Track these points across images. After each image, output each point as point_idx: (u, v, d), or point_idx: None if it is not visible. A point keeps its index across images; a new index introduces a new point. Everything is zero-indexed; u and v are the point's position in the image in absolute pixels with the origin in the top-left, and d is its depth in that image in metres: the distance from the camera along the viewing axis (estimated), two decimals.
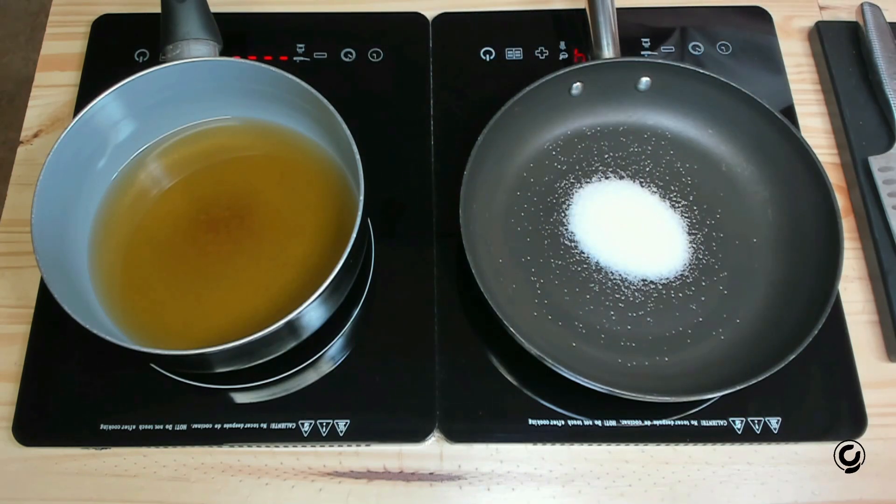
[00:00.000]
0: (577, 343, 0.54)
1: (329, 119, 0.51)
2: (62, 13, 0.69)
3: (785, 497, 0.51)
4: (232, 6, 0.67)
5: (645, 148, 0.61)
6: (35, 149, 0.63)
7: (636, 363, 0.53)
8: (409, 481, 0.51)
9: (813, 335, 0.48)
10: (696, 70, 0.58)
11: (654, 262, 0.57)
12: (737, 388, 0.47)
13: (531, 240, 0.58)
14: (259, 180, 0.57)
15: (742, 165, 0.60)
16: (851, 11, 0.67)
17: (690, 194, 0.59)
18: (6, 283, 0.57)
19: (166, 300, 0.52)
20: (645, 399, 0.49)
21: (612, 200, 0.59)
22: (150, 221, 0.55)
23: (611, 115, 0.62)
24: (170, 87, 0.54)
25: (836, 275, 0.51)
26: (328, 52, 0.66)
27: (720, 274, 0.56)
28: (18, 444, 0.52)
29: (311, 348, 0.54)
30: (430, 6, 0.69)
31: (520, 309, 0.55)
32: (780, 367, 0.48)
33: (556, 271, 0.56)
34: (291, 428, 0.52)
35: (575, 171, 0.60)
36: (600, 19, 0.59)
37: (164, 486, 0.51)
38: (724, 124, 0.60)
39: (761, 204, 0.59)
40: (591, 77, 0.59)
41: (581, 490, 0.51)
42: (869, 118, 0.62)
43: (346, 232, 0.48)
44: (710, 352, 0.54)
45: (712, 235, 0.58)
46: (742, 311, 0.55)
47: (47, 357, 0.54)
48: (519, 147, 0.60)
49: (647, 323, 0.55)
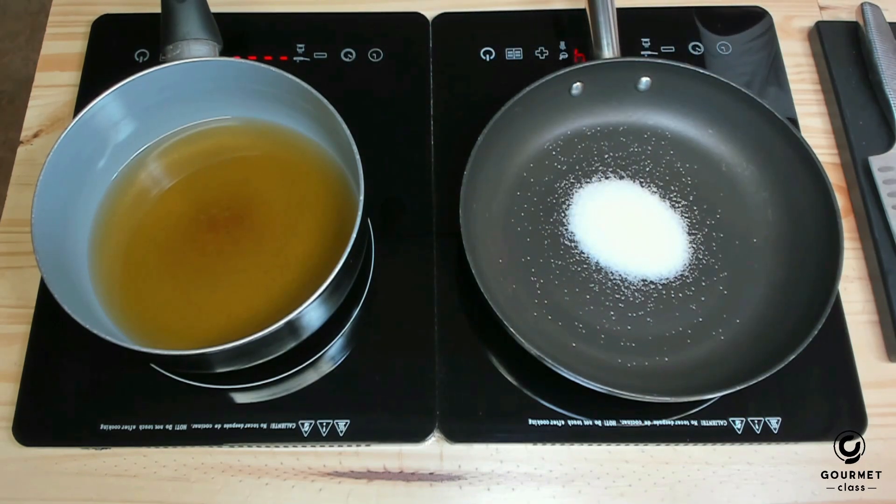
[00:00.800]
0: (577, 343, 0.54)
1: (329, 119, 0.51)
2: (62, 13, 0.69)
3: (785, 497, 0.51)
4: (232, 6, 0.67)
5: (645, 148, 0.61)
6: (35, 149, 0.63)
7: (636, 363, 0.53)
8: (409, 481, 0.51)
9: (813, 335, 0.48)
10: (696, 70, 0.58)
11: (654, 262, 0.57)
12: (737, 389, 0.48)
13: (531, 240, 0.58)
14: (259, 180, 0.57)
15: (742, 165, 0.60)
16: (851, 11, 0.67)
17: (690, 194, 0.59)
18: (6, 283, 0.57)
19: (166, 300, 0.52)
20: (645, 399, 0.49)
21: (612, 200, 0.59)
22: (150, 221, 0.55)
23: (611, 115, 0.62)
24: (170, 87, 0.54)
25: (836, 275, 0.51)
26: (328, 52, 0.66)
27: (720, 274, 0.56)
28: (18, 444, 0.52)
29: (311, 348, 0.54)
30: (430, 6, 0.69)
31: (520, 309, 0.55)
32: (780, 368, 0.48)
33: (556, 271, 0.56)
34: (291, 428, 0.52)
35: (575, 171, 0.60)
36: (600, 19, 0.59)
37: (164, 486, 0.51)
38: (724, 124, 0.60)
39: (761, 204, 0.59)
40: (591, 77, 0.59)
41: (581, 490, 0.51)
42: (869, 118, 0.62)
43: (346, 232, 0.48)
44: (710, 352, 0.54)
45: (712, 235, 0.58)
46: (742, 311, 0.55)
47: (47, 357, 0.54)
48: (519, 147, 0.60)
49: (647, 323, 0.55)
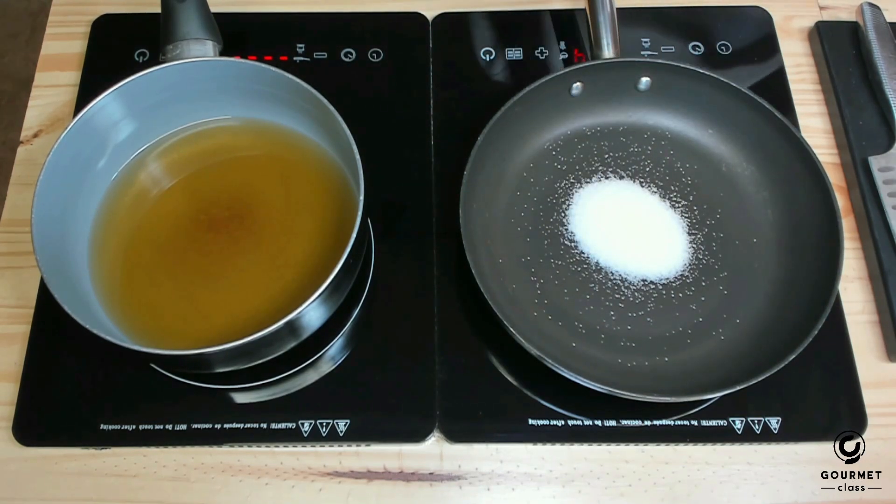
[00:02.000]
0: (577, 343, 0.54)
1: (329, 119, 0.51)
2: (62, 13, 0.69)
3: (785, 497, 0.51)
4: (232, 6, 0.67)
5: (645, 148, 0.61)
6: (35, 149, 0.63)
7: (636, 363, 0.53)
8: (409, 481, 0.51)
9: (813, 335, 0.48)
10: (696, 70, 0.58)
11: (654, 263, 0.57)
12: (737, 389, 0.47)
13: (531, 240, 0.58)
14: (259, 180, 0.57)
15: (742, 165, 0.60)
16: (851, 11, 0.67)
17: (690, 194, 0.59)
18: (6, 283, 0.57)
19: (166, 300, 0.52)
20: (645, 399, 0.49)
21: (612, 200, 0.59)
22: (150, 221, 0.55)
23: (611, 115, 0.62)
24: (170, 87, 0.54)
25: (836, 275, 0.51)
26: (328, 52, 0.66)
27: (720, 274, 0.56)
28: (18, 444, 0.52)
29: (311, 348, 0.54)
30: (430, 6, 0.69)
31: (520, 309, 0.55)
32: (781, 368, 0.48)
33: (556, 271, 0.56)
34: (291, 428, 0.52)
35: (575, 171, 0.60)
36: (600, 19, 0.59)
37: (164, 486, 0.51)
38: (725, 124, 0.60)
39: (761, 204, 0.59)
40: (591, 77, 0.59)
41: (581, 490, 0.51)
42: (869, 118, 0.62)
43: (346, 232, 0.48)
44: (710, 352, 0.54)
45: (712, 235, 0.58)
46: (742, 311, 0.55)
47: (47, 357, 0.54)
48: (519, 147, 0.60)
49: (646, 323, 0.55)
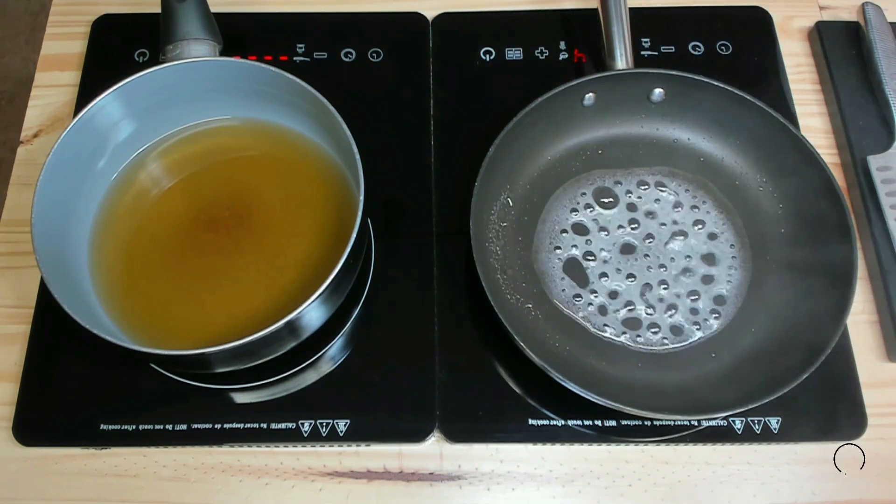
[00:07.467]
0: (586, 358, 0.53)
1: (329, 119, 0.51)
2: (62, 13, 0.69)
3: (785, 497, 0.51)
4: (232, 6, 0.67)
5: (657, 159, 0.61)
6: (35, 149, 0.63)
7: (643, 377, 0.53)
8: (409, 481, 0.51)
9: (822, 359, 0.48)
10: (710, 82, 0.57)
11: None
12: (742, 409, 0.47)
13: (540, 252, 0.57)
14: (259, 180, 0.57)
15: (756, 179, 0.59)
16: (852, 11, 0.67)
17: (701, 207, 0.59)
18: (6, 283, 0.57)
19: (166, 300, 0.52)
20: (654, 417, 0.48)
21: (621, 211, 0.59)
22: (150, 221, 0.55)
23: (623, 125, 0.61)
24: (170, 87, 0.54)
25: (849, 293, 0.50)
26: (328, 52, 0.66)
27: (731, 289, 0.56)
28: (18, 444, 0.52)
29: (311, 348, 0.54)
30: (430, 6, 0.68)
31: (525, 319, 0.54)
32: (788, 390, 0.47)
33: (564, 283, 0.56)
34: (291, 428, 0.52)
35: (585, 182, 0.60)
36: (614, 29, 0.58)
37: (164, 486, 0.51)
38: (739, 137, 0.59)
39: (774, 219, 0.58)
40: (604, 88, 0.59)
41: (581, 490, 0.51)
42: (869, 118, 0.62)
43: (346, 232, 0.48)
44: (718, 369, 0.53)
45: (724, 250, 0.57)
46: (751, 330, 0.54)
47: (47, 357, 0.54)
48: (530, 157, 0.60)
49: (654, 335, 0.54)
